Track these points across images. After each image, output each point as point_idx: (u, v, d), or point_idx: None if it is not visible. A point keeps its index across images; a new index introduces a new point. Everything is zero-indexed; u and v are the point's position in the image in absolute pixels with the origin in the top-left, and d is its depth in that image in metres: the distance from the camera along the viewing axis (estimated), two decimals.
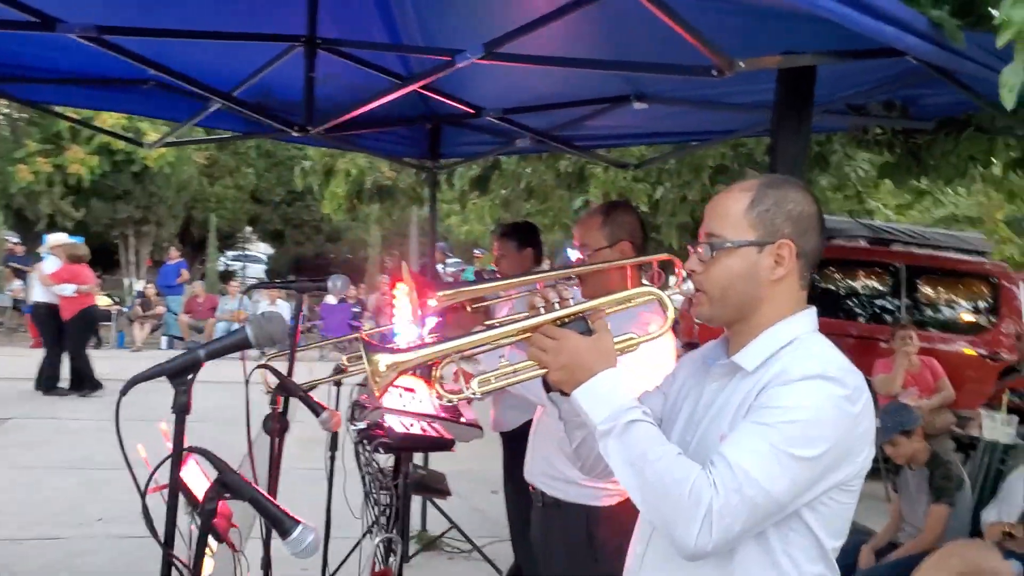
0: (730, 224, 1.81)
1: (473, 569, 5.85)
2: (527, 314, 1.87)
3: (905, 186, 4.75)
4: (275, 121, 4.09)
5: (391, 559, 3.60)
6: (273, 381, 2.95)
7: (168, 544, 1.80)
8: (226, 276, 28.25)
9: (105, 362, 15.07)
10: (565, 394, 1.83)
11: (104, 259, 24.62)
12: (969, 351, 9.44)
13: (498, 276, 4.82)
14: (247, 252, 34.61)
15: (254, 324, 1.86)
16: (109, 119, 15.37)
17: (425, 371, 3.67)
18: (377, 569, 3.42)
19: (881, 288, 9.92)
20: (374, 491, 4.16)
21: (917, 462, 4.77)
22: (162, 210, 22.33)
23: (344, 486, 4.41)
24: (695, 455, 1.74)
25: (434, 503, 6.17)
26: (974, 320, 9.85)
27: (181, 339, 18.22)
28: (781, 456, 1.61)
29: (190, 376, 1.80)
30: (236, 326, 12.48)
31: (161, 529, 1.93)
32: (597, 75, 4.22)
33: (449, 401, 1.86)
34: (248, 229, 31.19)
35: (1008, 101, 2.19)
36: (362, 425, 4.06)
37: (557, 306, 1.83)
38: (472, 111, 4.63)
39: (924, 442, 4.78)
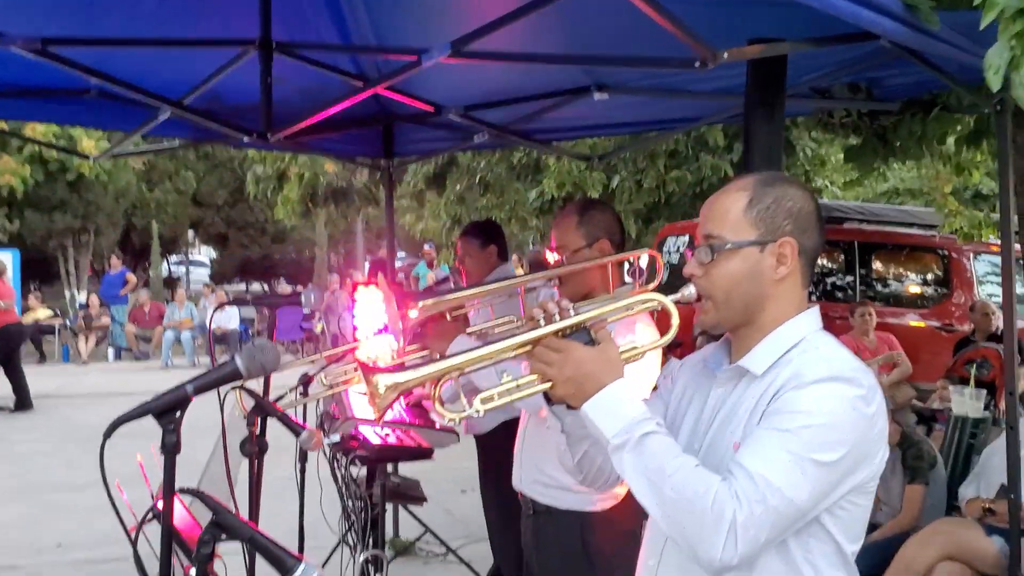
0: (730, 225, 1.77)
1: (449, 572, 5.78)
2: (526, 327, 1.80)
3: (870, 168, 4.76)
4: (230, 128, 3.93)
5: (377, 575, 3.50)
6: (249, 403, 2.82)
7: None
8: (170, 282, 27.79)
9: (50, 378, 14.73)
10: (572, 407, 1.76)
11: (42, 271, 24.03)
12: (923, 324, 9.59)
13: (460, 275, 4.74)
14: (191, 257, 34.10)
15: (246, 355, 1.74)
16: (39, 127, 14.88)
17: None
18: None
19: (833, 266, 10.01)
20: (351, 503, 4.06)
21: (888, 443, 4.78)
22: (101, 218, 21.82)
23: (321, 499, 4.31)
24: (704, 462, 1.70)
25: (408, 509, 6.07)
26: (927, 293, 10.01)
27: (129, 350, 17.87)
28: (803, 462, 1.57)
29: (177, 414, 1.68)
30: (186, 334, 12.30)
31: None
32: (557, 68, 4.15)
33: (451, 421, 1.76)
34: (191, 233, 30.67)
35: (995, 83, 2.19)
36: (335, 438, 3.94)
37: (557, 317, 1.76)
38: (432, 109, 4.52)
39: (894, 422, 4.80)
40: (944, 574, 4.05)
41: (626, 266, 3.45)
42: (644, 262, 3.01)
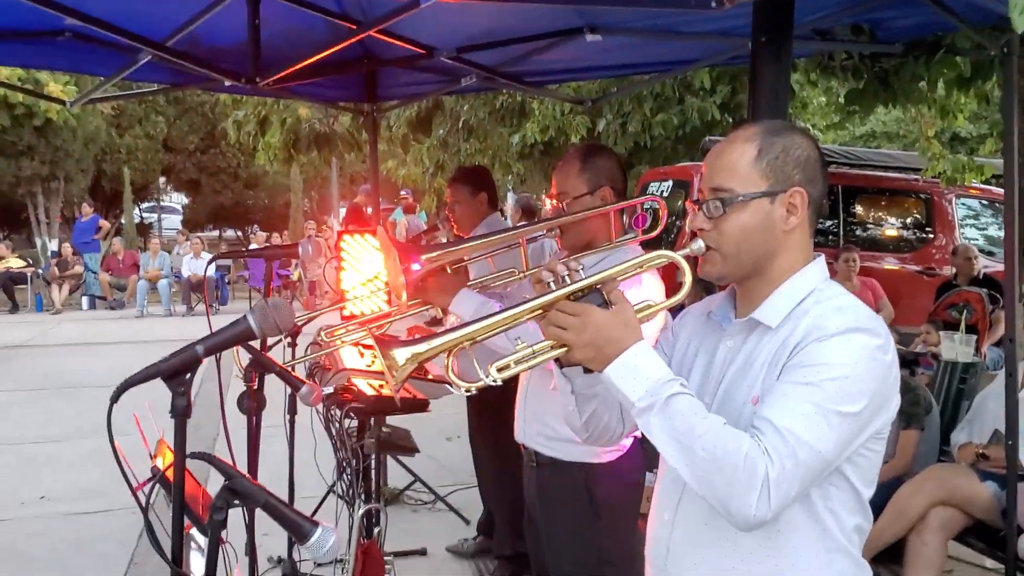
0: (739, 176, 1.75)
1: (438, 519, 5.81)
2: (535, 288, 1.76)
3: (871, 111, 4.68)
4: (217, 73, 3.77)
5: (375, 530, 3.46)
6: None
7: (177, 563, 1.61)
8: (143, 229, 27.42)
9: (24, 328, 14.57)
10: (588, 370, 1.74)
11: (12, 219, 23.62)
12: (905, 268, 9.63)
13: (448, 224, 4.66)
14: (163, 203, 33.62)
15: (259, 313, 1.66)
16: (4, 71, 14.43)
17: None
18: (362, 543, 3.29)
19: None
20: (343, 454, 4.01)
21: None
22: (70, 165, 21.32)
23: (315, 451, 4.27)
24: (717, 413, 1.68)
25: (396, 458, 6.05)
26: (908, 237, 10.04)
27: (103, 298, 17.65)
28: (828, 415, 1.58)
29: (188, 376, 1.60)
30: (162, 282, 12.12)
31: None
32: (549, 8, 4.02)
33: (468, 391, 1.71)
34: (162, 180, 30.17)
35: (1019, 25, 2.14)
36: (329, 390, 3.87)
37: (567, 279, 1.71)
38: (424, 52, 4.37)
39: None
40: (938, 519, 4.06)
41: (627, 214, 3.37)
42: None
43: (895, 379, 1.70)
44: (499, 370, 1.70)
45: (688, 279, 1.78)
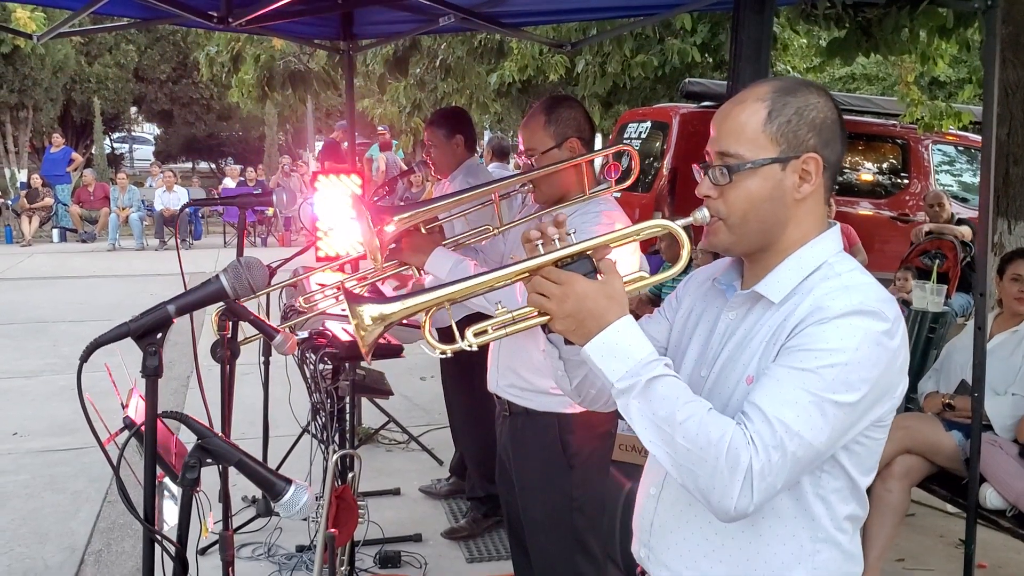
0: (747, 140, 1.61)
1: (412, 460, 5.86)
2: (523, 249, 1.66)
3: (853, 60, 4.64)
4: (185, 11, 3.67)
5: (349, 475, 3.48)
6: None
7: (150, 520, 1.62)
8: (114, 160, 26.99)
9: None
10: (569, 342, 1.65)
11: None
12: (880, 214, 9.68)
13: (426, 166, 4.61)
14: (134, 134, 33.08)
15: (232, 273, 1.63)
16: None
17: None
18: (336, 487, 3.31)
19: None
20: (320, 398, 4.02)
21: None
22: (39, 93, 20.92)
23: (289, 394, 4.28)
24: (712, 391, 1.63)
25: (372, 400, 6.08)
26: (884, 182, 10.06)
27: (74, 231, 17.45)
28: (823, 404, 1.47)
29: (159, 335, 1.58)
30: (133, 216, 11.94)
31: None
32: None
33: (443, 354, 1.64)
34: (133, 110, 29.65)
35: None
36: (303, 335, 3.87)
37: (557, 243, 1.62)
38: None
39: None
40: (903, 467, 4.14)
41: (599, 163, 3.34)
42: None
43: (902, 365, 1.58)
44: (476, 335, 1.62)
45: (686, 251, 1.64)
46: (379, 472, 5.48)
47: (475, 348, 1.63)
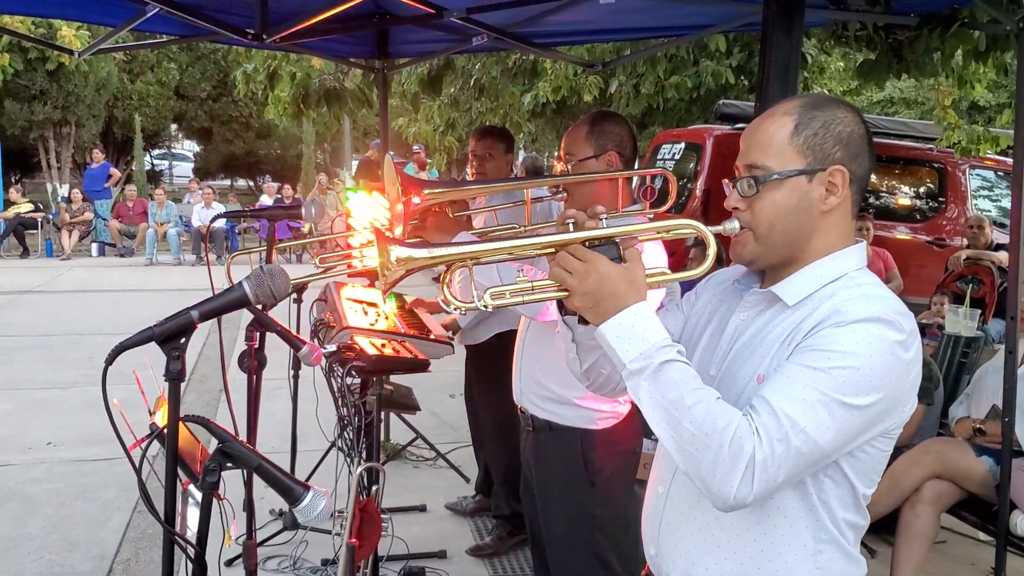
0: (774, 153, 1.65)
1: (438, 477, 5.86)
2: (554, 230, 1.70)
3: (884, 82, 4.62)
4: (222, 27, 3.74)
5: (374, 488, 3.49)
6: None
7: (170, 522, 1.64)
8: (153, 176, 27.38)
9: (34, 273, 14.65)
10: (584, 321, 1.68)
11: (23, 164, 23.63)
12: (916, 238, 9.58)
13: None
14: (173, 151, 33.57)
15: (254, 280, 1.66)
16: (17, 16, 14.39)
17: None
18: (360, 500, 3.32)
19: None
20: (347, 412, 4.05)
21: None
22: (81, 110, 21.31)
23: (317, 408, 4.30)
24: (719, 387, 1.63)
25: (400, 415, 6.11)
26: (920, 207, 9.96)
27: (113, 245, 17.71)
28: (831, 404, 1.49)
29: (183, 340, 1.61)
30: (171, 231, 12.10)
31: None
32: None
33: (457, 309, 1.68)
34: (173, 127, 30.09)
35: None
36: (331, 348, 3.90)
37: (588, 225, 1.66)
38: (433, 11, 4.33)
39: None
40: (932, 492, 4.09)
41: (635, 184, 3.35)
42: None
43: (915, 379, 1.60)
44: (493, 297, 1.65)
45: (712, 252, 1.66)
46: (405, 488, 5.49)
47: (490, 309, 1.65)
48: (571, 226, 1.66)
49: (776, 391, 1.52)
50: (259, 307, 1.72)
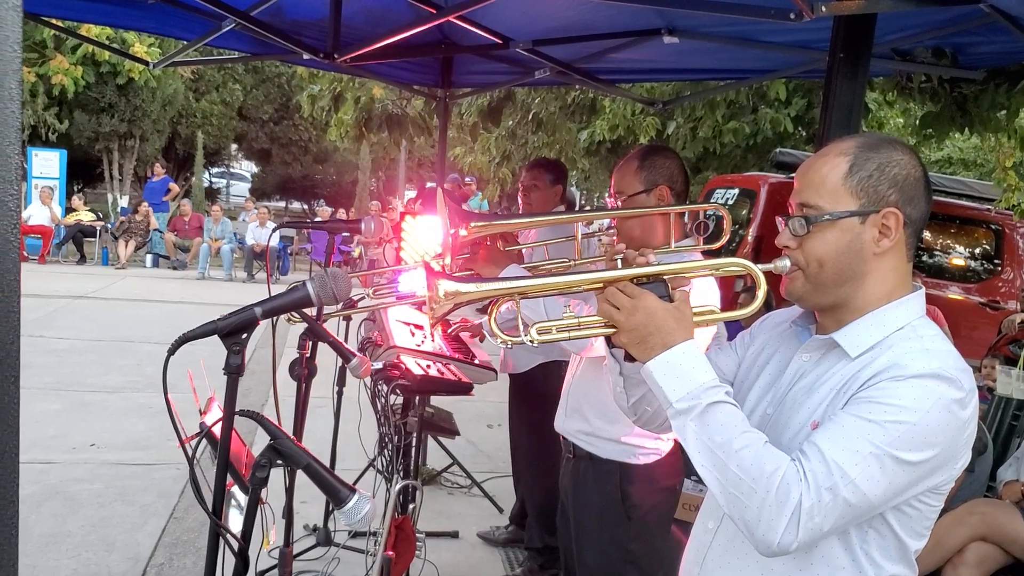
0: (827, 193, 1.63)
1: (472, 505, 5.85)
2: (603, 266, 1.73)
3: (946, 136, 4.60)
4: (297, 45, 3.83)
5: (410, 506, 3.51)
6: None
7: (217, 514, 1.67)
8: (211, 194, 27.89)
9: (89, 279, 14.95)
10: (631, 358, 1.67)
11: (87, 174, 24.20)
12: (969, 299, 9.43)
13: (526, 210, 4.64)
14: (232, 170, 34.19)
15: (318, 282, 1.70)
16: (94, 29, 14.84)
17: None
18: (396, 517, 3.34)
19: None
20: (388, 431, 4.08)
21: None
22: (147, 124, 21.83)
23: (359, 425, 4.33)
24: (774, 428, 1.63)
25: (438, 440, 6.12)
26: (975, 267, 9.82)
27: (167, 257, 18.03)
28: (883, 458, 1.47)
29: (244, 335, 1.65)
30: (224, 247, 12.34)
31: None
32: (629, 6, 4.00)
33: (504, 343, 1.67)
34: (234, 147, 30.66)
35: None
36: (378, 365, 3.94)
37: (638, 262, 1.67)
38: (500, 41, 4.40)
39: None
40: (977, 555, 4.00)
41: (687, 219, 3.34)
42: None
43: (969, 437, 1.57)
44: (539, 332, 1.66)
45: (761, 293, 1.68)
46: (439, 514, 5.49)
47: (536, 344, 1.66)
48: (619, 262, 1.67)
49: (828, 439, 1.49)
50: (314, 315, 1.75)
